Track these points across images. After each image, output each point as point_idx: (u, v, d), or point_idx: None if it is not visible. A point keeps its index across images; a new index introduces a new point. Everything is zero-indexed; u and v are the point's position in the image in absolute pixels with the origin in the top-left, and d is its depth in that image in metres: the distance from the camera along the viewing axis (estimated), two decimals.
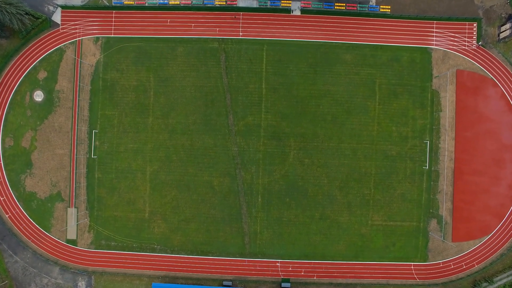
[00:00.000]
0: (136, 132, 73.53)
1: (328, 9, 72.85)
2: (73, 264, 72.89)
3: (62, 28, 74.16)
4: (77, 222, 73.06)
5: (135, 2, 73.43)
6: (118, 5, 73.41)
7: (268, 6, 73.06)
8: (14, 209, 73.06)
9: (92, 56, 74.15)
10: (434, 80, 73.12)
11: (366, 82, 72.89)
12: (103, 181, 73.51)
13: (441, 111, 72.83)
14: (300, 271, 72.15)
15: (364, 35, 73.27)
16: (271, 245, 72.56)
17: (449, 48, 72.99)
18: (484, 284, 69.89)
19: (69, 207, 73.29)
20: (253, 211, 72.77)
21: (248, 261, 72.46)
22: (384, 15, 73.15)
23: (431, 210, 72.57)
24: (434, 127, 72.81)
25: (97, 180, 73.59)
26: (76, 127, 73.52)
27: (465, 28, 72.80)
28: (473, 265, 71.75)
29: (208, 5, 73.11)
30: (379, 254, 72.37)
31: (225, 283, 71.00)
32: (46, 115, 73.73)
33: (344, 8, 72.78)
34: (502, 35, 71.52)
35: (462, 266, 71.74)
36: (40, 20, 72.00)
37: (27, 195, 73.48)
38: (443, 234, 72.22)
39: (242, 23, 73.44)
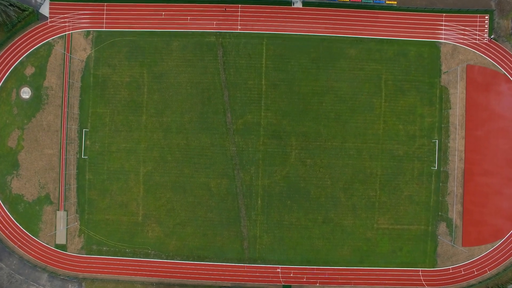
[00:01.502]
0: (129, 131, 68.48)
1: (331, 1, 67.90)
2: (63, 270, 67.76)
3: (51, 21, 68.85)
4: (67, 226, 67.94)
5: None
6: None
7: None
8: (0, 213, 66.91)
9: (82, 51, 68.85)
10: (443, 76, 67.95)
11: (371, 78, 67.91)
12: (94, 183, 68.42)
13: (450, 108, 67.64)
14: (302, 278, 67.31)
15: (369, 29, 68.21)
16: (271, 250, 67.68)
17: (459, 42, 67.72)
18: None
19: (58, 210, 68.14)
20: (252, 214, 67.83)
21: (247, 267, 67.67)
22: (390, 8, 68.18)
23: (440, 213, 67.50)
24: (443, 125, 67.74)
25: (88, 181, 68.48)
26: (65, 125, 68.39)
27: (476, 21, 67.60)
28: (485, 271, 66.58)
29: None
30: (385, 259, 67.41)
31: None
32: (34, 113, 68.39)
33: (348, 0, 66.47)
34: None
35: (473, 272, 66.54)
36: (26, 12, 66.46)
37: (14, 198, 68.21)
38: (453, 238, 67.23)
39: (241, 16, 68.34)
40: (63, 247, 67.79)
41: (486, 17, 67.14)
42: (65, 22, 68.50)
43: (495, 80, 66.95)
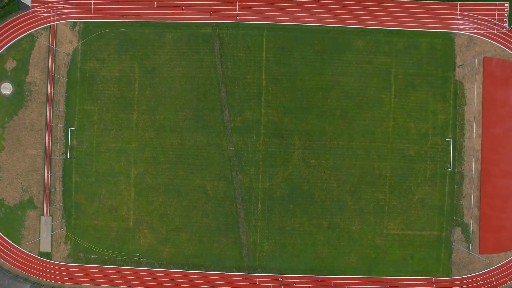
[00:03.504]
0: (119, 129, 61.24)
1: None
2: (47, 280, 60.31)
3: (33, 11, 61.32)
4: (52, 232, 60.62)
5: None
6: None
7: None
8: None
9: (68, 43, 61.33)
10: (457, 70, 60.48)
11: (380, 72, 60.59)
12: (81, 186, 61.11)
13: (465, 104, 60.27)
14: (306, 287, 59.66)
15: (377, 19, 60.73)
16: (272, 258, 60.54)
17: (475, 32, 60.41)
18: None
19: (43, 215, 60.76)
20: (252, 219, 60.70)
21: (247, 276, 60.54)
22: None
23: (454, 218, 60.14)
24: (457, 123, 60.32)
25: (75, 184, 61.12)
26: (50, 124, 60.97)
27: (494, 9, 60.08)
28: (505, 281, 59.18)
29: None
30: (396, 267, 60.18)
31: None
32: (16, 110, 60.84)
33: None
34: None
35: (492, 282, 59.23)
36: (5, 0, 59.19)
37: None
38: (469, 245, 59.90)
39: (239, 5, 61.44)
40: (47, 255, 60.56)
41: (506, 4, 59.48)
42: (49, 12, 60.96)
43: None
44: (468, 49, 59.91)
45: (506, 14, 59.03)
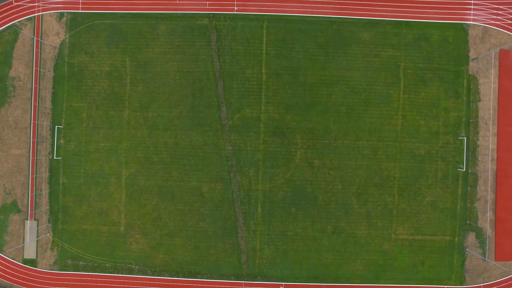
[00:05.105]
0: (109, 128, 56.38)
1: None
2: None
3: (16, 0, 56.34)
4: (37, 237, 55.65)
5: None
6: None
7: None
8: None
9: (55, 35, 56.26)
10: (471, 63, 55.42)
11: (388, 66, 55.73)
12: (69, 188, 56.21)
13: (479, 101, 55.28)
14: None
15: (385, 9, 55.76)
16: (273, 265, 55.71)
17: (491, 23, 55.43)
18: None
19: (27, 219, 55.75)
20: (251, 224, 55.88)
21: (246, 284, 55.68)
22: None
23: (468, 222, 55.11)
24: (471, 120, 55.31)
25: (62, 186, 56.21)
26: (36, 122, 55.98)
27: None
28: None
29: None
30: (405, 275, 55.19)
31: None
32: None
33: None
34: None
35: None
36: None
37: None
38: (484, 251, 54.77)
39: None
40: (32, 262, 55.63)
41: None
42: (33, 1, 56.06)
43: None
44: (482, 41, 54.69)
45: None
